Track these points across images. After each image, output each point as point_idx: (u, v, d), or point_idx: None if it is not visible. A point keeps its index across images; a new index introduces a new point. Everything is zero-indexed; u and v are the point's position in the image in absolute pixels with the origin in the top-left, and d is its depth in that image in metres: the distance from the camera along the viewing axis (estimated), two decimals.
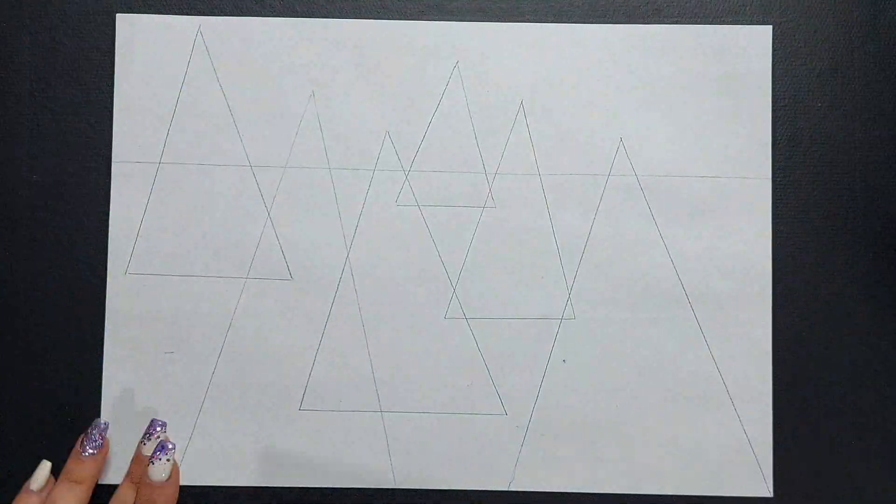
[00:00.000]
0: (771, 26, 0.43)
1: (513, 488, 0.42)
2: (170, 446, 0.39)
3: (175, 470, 0.40)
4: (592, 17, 0.43)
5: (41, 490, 0.39)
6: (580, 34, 0.43)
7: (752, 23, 0.43)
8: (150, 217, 0.43)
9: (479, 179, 0.43)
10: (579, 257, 0.43)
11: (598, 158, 0.43)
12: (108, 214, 0.43)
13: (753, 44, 0.43)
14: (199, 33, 0.43)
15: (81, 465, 0.39)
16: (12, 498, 0.39)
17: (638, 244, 0.42)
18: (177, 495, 0.40)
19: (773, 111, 0.43)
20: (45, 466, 0.39)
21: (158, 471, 0.39)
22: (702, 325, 0.42)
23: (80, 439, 0.40)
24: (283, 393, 0.42)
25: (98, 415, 0.42)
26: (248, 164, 0.43)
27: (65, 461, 0.40)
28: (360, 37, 0.43)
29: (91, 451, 0.39)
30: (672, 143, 0.43)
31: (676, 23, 0.42)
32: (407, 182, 0.43)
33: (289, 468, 0.42)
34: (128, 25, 0.43)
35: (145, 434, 0.40)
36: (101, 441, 0.39)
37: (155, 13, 0.43)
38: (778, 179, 0.42)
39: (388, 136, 0.43)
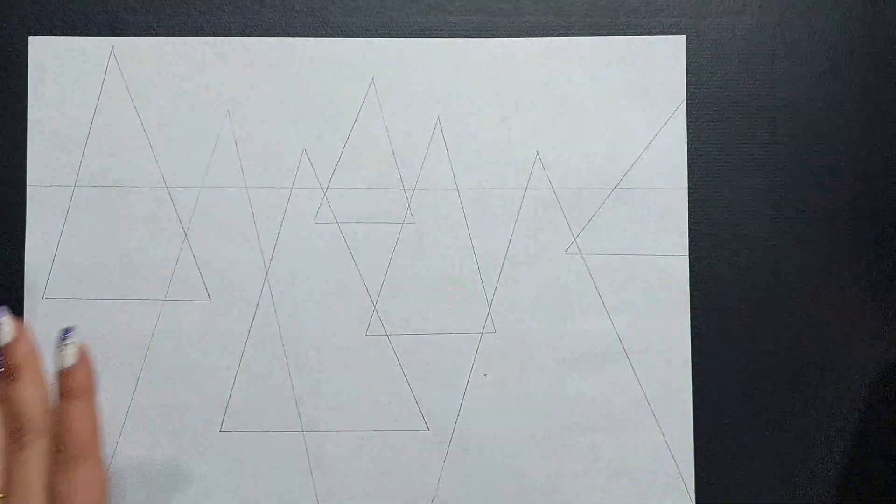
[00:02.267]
0: (684, 36, 0.43)
1: None
2: (72, 331, 0.37)
3: (82, 351, 0.37)
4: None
5: None
6: (495, 49, 0.43)
7: (754, 22, 0.43)
8: (67, 240, 0.42)
9: (398, 195, 0.43)
10: (498, 271, 0.42)
11: (515, 172, 0.43)
12: (23, 238, 0.42)
13: (667, 54, 0.43)
14: (112, 55, 0.43)
15: None
16: None
17: (556, 257, 0.42)
18: (92, 378, 0.37)
19: (689, 119, 0.43)
20: None
21: (66, 356, 0.37)
22: (621, 336, 0.42)
23: None
24: (204, 415, 0.42)
25: None
26: (164, 184, 0.43)
27: None
28: (274, 55, 0.43)
29: None
30: (588, 155, 0.43)
31: (677, 22, 0.43)
32: (325, 199, 0.43)
33: (210, 490, 0.42)
34: (40, 48, 0.43)
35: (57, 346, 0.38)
36: None
37: (67, 35, 0.43)
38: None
39: (304, 154, 0.43)
